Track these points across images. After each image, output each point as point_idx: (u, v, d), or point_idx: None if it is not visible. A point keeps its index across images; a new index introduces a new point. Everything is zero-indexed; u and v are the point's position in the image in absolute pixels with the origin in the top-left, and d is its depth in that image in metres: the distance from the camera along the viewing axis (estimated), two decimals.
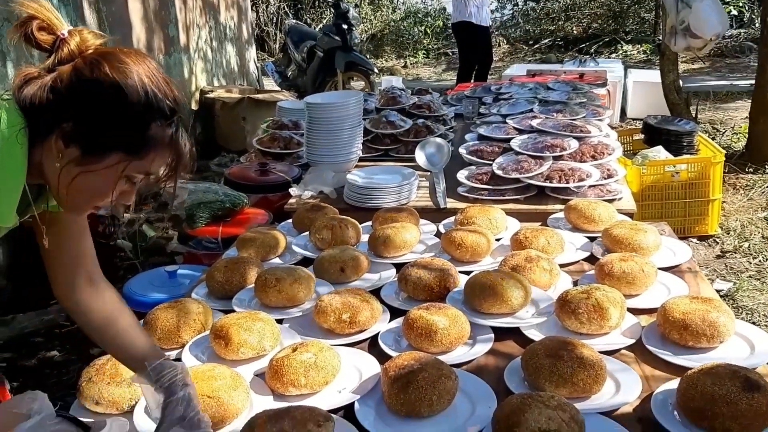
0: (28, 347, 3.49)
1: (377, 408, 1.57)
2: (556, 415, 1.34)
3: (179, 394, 1.38)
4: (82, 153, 1.21)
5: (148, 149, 1.24)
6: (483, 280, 1.93)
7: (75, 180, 1.23)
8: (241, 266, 2.21)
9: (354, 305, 1.89)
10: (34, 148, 1.25)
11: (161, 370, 1.42)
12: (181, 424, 1.35)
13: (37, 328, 3.56)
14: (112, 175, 1.24)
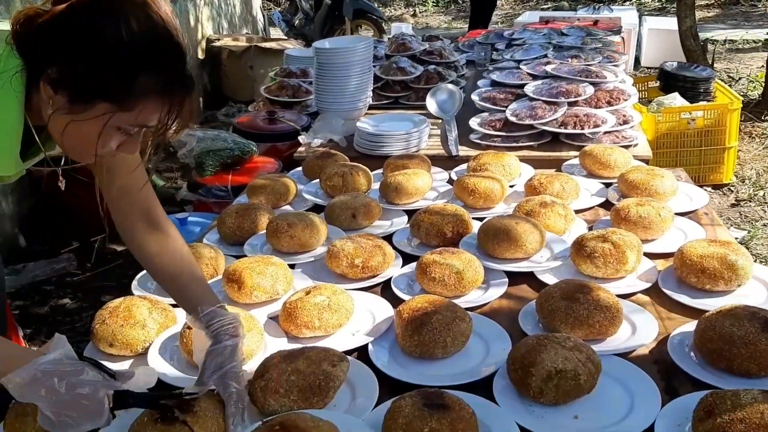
0: (40, 295, 3.52)
1: (391, 350, 1.57)
2: (572, 355, 1.33)
3: (224, 343, 1.37)
4: (69, 100, 1.17)
5: (135, 100, 1.17)
6: (497, 225, 1.90)
7: (66, 128, 1.19)
8: (252, 212, 2.19)
9: (366, 250, 1.87)
10: (32, 92, 1.21)
11: (212, 317, 1.40)
12: (218, 373, 1.33)
13: (49, 276, 3.58)
14: (99, 126, 1.18)
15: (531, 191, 2.27)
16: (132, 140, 1.27)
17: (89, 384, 1.17)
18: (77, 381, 1.16)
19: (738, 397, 1.17)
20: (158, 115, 1.21)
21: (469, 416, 1.22)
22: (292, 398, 1.34)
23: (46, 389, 1.14)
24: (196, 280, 1.51)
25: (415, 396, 1.26)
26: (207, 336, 1.40)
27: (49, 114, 1.20)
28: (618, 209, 2.04)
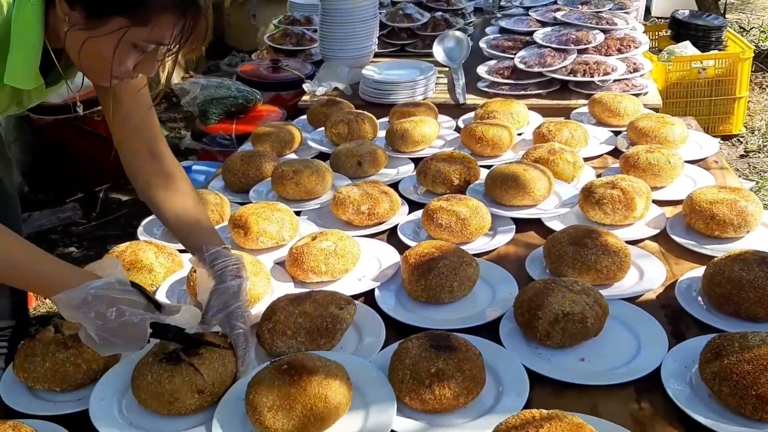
0: (46, 244, 3.52)
1: (397, 295, 1.57)
2: (580, 299, 1.33)
3: (228, 283, 1.37)
4: (85, 16, 1.18)
5: (149, 14, 1.18)
6: (505, 171, 1.88)
7: (83, 46, 1.20)
8: (258, 159, 2.17)
9: (373, 197, 1.86)
10: (49, 12, 1.23)
11: (216, 258, 1.40)
12: (223, 313, 1.34)
13: (54, 225, 3.58)
14: (115, 41, 1.19)
15: (539, 139, 2.25)
16: (148, 60, 1.27)
17: (136, 314, 1.20)
18: (126, 309, 1.19)
19: (746, 339, 1.17)
20: (172, 32, 1.21)
21: (475, 357, 1.22)
22: (299, 340, 1.35)
23: (96, 313, 1.17)
24: (200, 219, 1.50)
25: (422, 338, 1.26)
26: (210, 276, 1.39)
27: (65, 31, 1.20)
28: (627, 156, 2.02)
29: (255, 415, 1.14)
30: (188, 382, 1.21)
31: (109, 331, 1.18)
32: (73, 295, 1.16)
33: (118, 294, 1.19)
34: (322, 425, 1.14)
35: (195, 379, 1.21)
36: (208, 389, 1.22)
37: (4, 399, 1.31)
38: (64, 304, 1.16)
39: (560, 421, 1.04)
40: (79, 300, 1.16)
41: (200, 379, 1.22)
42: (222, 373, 1.25)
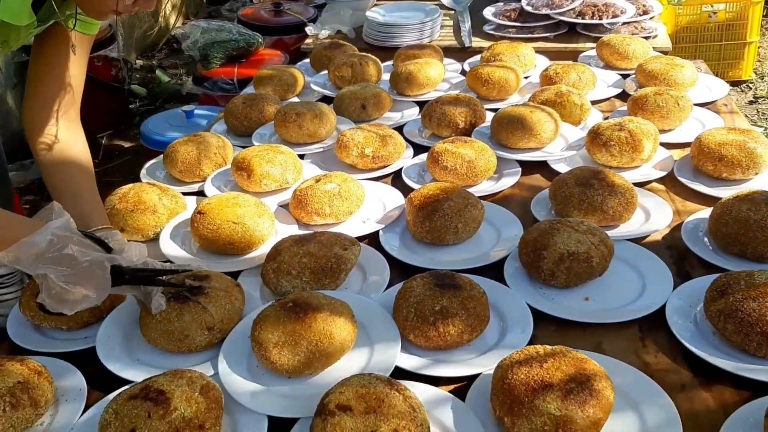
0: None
1: (402, 237, 1.57)
2: (585, 238, 1.32)
3: None
4: None
5: None
6: (511, 114, 1.86)
7: None
8: (260, 102, 2.14)
9: (377, 139, 1.83)
10: None
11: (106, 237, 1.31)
12: None
13: None
14: None
15: (546, 81, 2.21)
16: None
17: (96, 255, 1.16)
18: (90, 250, 1.15)
19: (752, 277, 1.16)
20: None
21: (480, 295, 1.22)
22: (304, 279, 1.35)
23: (62, 256, 1.12)
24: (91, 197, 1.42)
25: (427, 277, 1.26)
26: None
27: None
28: (635, 98, 1.99)
29: (261, 351, 1.14)
30: (198, 320, 1.22)
31: (77, 276, 1.13)
32: (36, 240, 1.10)
33: (76, 235, 1.15)
34: (327, 361, 1.15)
35: (204, 316, 1.22)
36: (217, 326, 1.23)
37: (12, 336, 1.32)
38: (26, 253, 1.09)
39: (564, 356, 1.04)
40: (44, 244, 1.10)
41: (209, 316, 1.22)
42: (229, 310, 1.26)
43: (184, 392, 1.03)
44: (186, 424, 0.99)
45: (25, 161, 3.55)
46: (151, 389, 1.03)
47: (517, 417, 0.99)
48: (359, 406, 0.97)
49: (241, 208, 1.52)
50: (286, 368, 1.13)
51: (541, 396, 0.98)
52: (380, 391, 0.99)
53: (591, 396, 0.98)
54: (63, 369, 1.21)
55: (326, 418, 0.97)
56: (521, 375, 1.02)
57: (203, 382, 1.07)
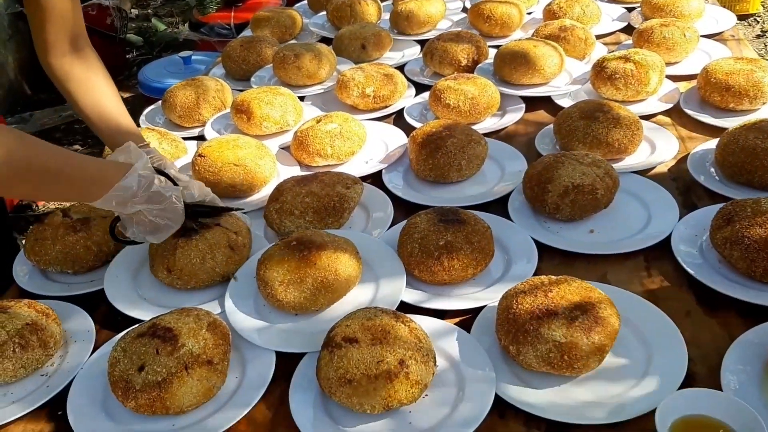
0: (50, 142, 3.48)
1: (405, 176, 1.55)
2: (590, 171, 1.31)
3: None
4: None
5: None
6: (515, 49, 1.82)
7: None
8: (258, 45, 2.11)
9: (378, 79, 1.81)
10: None
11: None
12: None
13: (57, 124, 3.55)
14: None
15: (550, 16, 2.16)
16: None
17: (174, 189, 1.19)
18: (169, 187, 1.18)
19: (759, 204, 1.15)
20: None
21: (484, 230, 1.22)
22: (307, 219, 1.35)
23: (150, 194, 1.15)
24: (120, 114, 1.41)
25: (431, 213, 1.25)
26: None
27: None
28: (641, 30, 1.94)
29: (267, 289, 1.15)
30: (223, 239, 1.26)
31: (164, 210, 1.17)
32: (129, 183, 1.12)
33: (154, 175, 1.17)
34: (332, 297, 1.15)
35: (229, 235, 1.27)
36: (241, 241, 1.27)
37: (18, 281, 1.33)
38: (123, 196, 1.12)
39: (569, 285, 1.04)
40: (135, 186, 1.13)
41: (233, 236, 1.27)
42: None
43: (191, 329, 1.03)
44: (194, 359, 1.00)
45: (24, 114, 3.53)
46: (158, 327, 1.04)
47: (522, 345, 0.99)
48: (365, 337, 0.98)
49: (242, 150, 1.50)
50: (292, 305, 1.14)
51: (546, 323, 0.98)
52: (386, 323, 0.99)
53: (596, 323, 0.98)
54: (71, 311, 1.23)
55: (333, 350, 0.98)
56: (526, 304, 1.02)
57: (210, 319, 1.07)
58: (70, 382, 1.09)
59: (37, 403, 1.06)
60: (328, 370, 0.97)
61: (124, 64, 4.00)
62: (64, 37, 1.35)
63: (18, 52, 3.72)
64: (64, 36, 1.35)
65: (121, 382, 1.00)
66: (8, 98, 3.56)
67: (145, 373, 0.99)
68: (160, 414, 0.99)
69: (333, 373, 0.96)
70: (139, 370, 0.99)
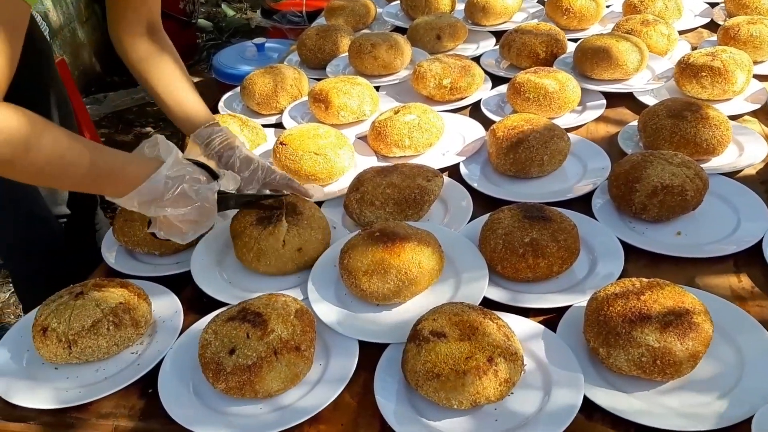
0: (123, 123, 3.58)
1: (483, 169, 1.54)
2: (680, 171, 1.28)
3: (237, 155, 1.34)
4: None
5: None
6: (596, 43, 1.78)
7: None
8: (333, 33, 2.12)
9: (455, 70, 1.79)
10: None
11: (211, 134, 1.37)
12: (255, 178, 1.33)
13: (129, 105, 3.63)
14: None
15: (630, 10, 2.11)
16: None
17: (207, 188, 1.19)
18: (200, 186, 1.18)
19: None
20: None
21: (570, 228, 1.20)
22: (387, 210, 1.35)
23: (177, 197, 1.14)
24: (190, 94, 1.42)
25: (514, 209, 1.24)
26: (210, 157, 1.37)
27: None
28: (727, 28, 1.88)
29: (350, 278, 1.16)
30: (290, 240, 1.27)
31: (190, 213, 1.17)
32: (153, 185, 1.11)
33: (186, 169, 1.16)
34: (415, 289, 1.15)
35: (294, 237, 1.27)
36: (305, 247, 1.28)
37: (106, 260, 1.37)
38: (143, 198, 1.11)
39: (661, 289, 1.02)
40: (161, 188, 1.12)
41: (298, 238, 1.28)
42: (317, 236, 1.30)
43: (280, 315, 1.05)
44: (283, 345, 1.02)
45: (98, 95, 3.63)
46: (248, 311, 1.06)
47: (613, 348, 0.98)
48: (453, 332, 0.98)
49: (323, 139, 1.52)
50: (375, 296, 1.14)
51: (639, 327, 0.97)
52: (474, 319, 0.99)
53: (690, 328, 0.96)
54: (159, 291, 1.26)
55: (420, 343, 0.98)
56: (618, 306, 1.00)
57: (297, 306, 1.09)
58: (160, 362, 1.12)
59: (129, 380, 1.09)
60: (415, 363, 0.98)
61: (195, 48, 4.08)
62: (139, 20, 1.37)
63: (94, 33, 3.82)
64: (139, 19, 1.37)
65: (212, 364, 1.02)
66: (83, 79, 3.67)
67: (236, 357, 1.01)
68: (248, 397, 1.02)
69: (420, 367, 0.97)
70: (230, 353, 1.01)
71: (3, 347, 1.18)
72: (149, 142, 1.20)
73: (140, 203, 1.13)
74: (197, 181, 1.18)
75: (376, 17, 2.39)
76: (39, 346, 1.12)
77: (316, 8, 2.93)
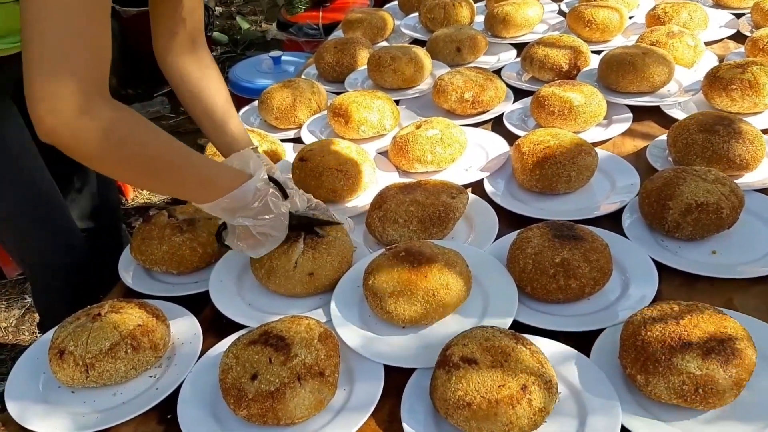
0: None
1: (508, 185, 1.51)
2: (715, 188, 1.23)
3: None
4: None
5: None
6: (621, 55, 1.75)
7: None
8: (351, 46, 2.09)
9: (477, 83, 1.76)
10: None
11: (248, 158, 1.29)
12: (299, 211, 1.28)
13: None
14: None
15: (654, 21, 2.07)
16: None
17: (282, 204, 1.18)
18: (278, 201, 1.17)
19: None
20: None
21: (602, 247, 1.16)
22: (411, 228, 1.31)
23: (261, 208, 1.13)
24: (231, 116, 1.39)
25: (543, 227, 1.20)
26: None
27: None
28: (755, 39, 1.84)
29: (375, 300, 1.12)
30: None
31: (273, 225, 1.16)
32: (244, 194, 1.10)
33: (270, 186, 1.16)
34: (443, 312, 1.11)
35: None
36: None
37: (123, 278, 1.34)
38: (233, 205, 1.11)
39: (701, 313, 0.98)
40: (249, 197, 1.11)
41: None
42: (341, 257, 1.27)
43: (303, 339, 1.02)
44: (307, 370, 0.98)
45: None
46: (270, 335, 1.02)
47: (652, 375, 0.94)
48: (485, 359, 0.94)
49: (344, 155, 1.49)
50: (402, 318, 1.10)
51: (680, 354, 0.92)
52: (506, 345, 0.95)
53: (733, 355, 0.92)
54: (178, 312, 1.23)
55: (450, 370, 0.94)
56: (656, 331, 0.96)
57: (320, 330, 1.05)
58: (179, 386, 1.09)
59: (147, 405, 1.05)
60: (444, 390, 0.94)
61: None
62: (185, 35, 1.34)
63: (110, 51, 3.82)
64: (185, 34, 1.34)
65: (234, 389, 0.98)
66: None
67: (258, 382, 0.97)
68: (271, 424, 0.98)
69: (450, 395, 0.93)
70: (252, 379, 0.98)
71: (19, 369, 1.16)
72: (240, 155, 1.19)
73: (225, 209, 1.11)
74: (276, 195, 1.17)
75: (393, 30, 2.37)
76: (55, 369, 1.09)
77: (333, 21, 2.92)
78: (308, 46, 3.01)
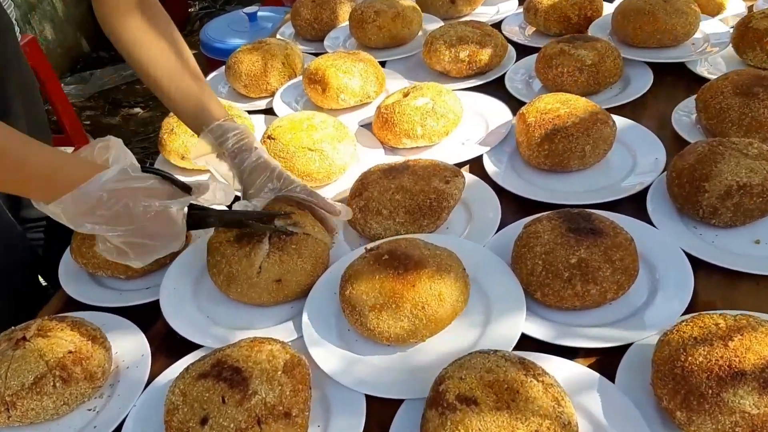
0: (110, 104, 3.34)
1: (512, 162, 1.30)
2: (759, 166, 1.03)
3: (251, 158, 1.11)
4: None
5: None
6: (637, 3, 1.52)
7: None
8: (332, 1, 1.86)
9: (474, 40, 1.54)
10: None
11: (225, 131, 1.13)
12: (268, 187, 1.10)
13: (117, 83, 3.39)
14: None
15: None
16: None
17: (167, 204, 0.95)
18: (153, 201, 0.94)
19: None
20: None
21: (627, 243, 0.96)
22: (397, 221, 1.11)
23: (115, 214, 0.91)
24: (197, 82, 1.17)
25: (555, 218, 1.00)
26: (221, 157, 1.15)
27: None
28: None
29: (354, 315, 0.93)
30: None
31: (138, 233, 0.93)
32: (84, 194, 0.88)
33: (137, 183, 0.93)
34: (435, 327, 0.92)
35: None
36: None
37: (65, 287, 1.15)
38: (72, 208, 0.88)
39: (754, 330, 0.79)
40: (93, 201, 0.89)
41: None
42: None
43: (264, 371, 0.83)
44: (269, 412, 0.80)
45: (83, 73, 3.38)
46: (224, 366, 0.84)
47: (696, 414, 0.75)
48: (487, 398, 0.75)
49: (318, 131, 1.28)
50: (386, 336, 0.92)
51: (731, 387, 0.74)
52: (512, 378, 0.77)
53: None
54: (124, 328, 1.04)
55: (444, 412, 0.76)
56: (699, 356, 0.77)
57: (286, 357, 0.86)
58: (122, 421, 0.91)
59: None
60: None
61: (187, 19, 3.80)
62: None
63: (76, 7, 3.56)
64: None
65: None
66: (67, 57, 3.42)
67: (209, 428, 0.79)
68: None
69: None
70: (201, 423, 0.80)
71: None
72: (101, 141, 0.97)
73: (69, 215, 0.89)
74: (153, 196, 0.94)
75: None
76: None
77: None
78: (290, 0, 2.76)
